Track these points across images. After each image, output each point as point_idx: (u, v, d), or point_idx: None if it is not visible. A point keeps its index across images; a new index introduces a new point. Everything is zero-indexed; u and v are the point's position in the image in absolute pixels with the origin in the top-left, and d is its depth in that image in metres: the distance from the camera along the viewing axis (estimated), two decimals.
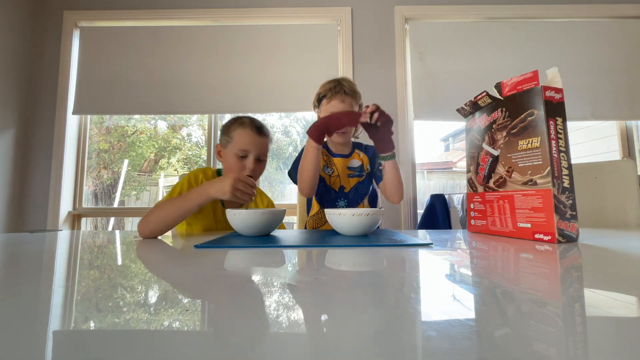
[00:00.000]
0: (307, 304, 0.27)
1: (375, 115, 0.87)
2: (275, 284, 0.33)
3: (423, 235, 0.78)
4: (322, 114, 1.10)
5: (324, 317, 0.24)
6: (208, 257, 0.48)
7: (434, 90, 1.97)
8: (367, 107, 0.88)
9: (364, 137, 1.32)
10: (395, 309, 0.25)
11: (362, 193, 1.14)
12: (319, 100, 1.12)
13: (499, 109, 0.76)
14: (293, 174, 1.11)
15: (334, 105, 1.08)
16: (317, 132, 0.94)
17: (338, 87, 1.08)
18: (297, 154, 1.19)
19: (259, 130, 1.00)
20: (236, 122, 1.00)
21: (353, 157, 1.20)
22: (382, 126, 0.90)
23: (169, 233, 0.84)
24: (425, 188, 3.55)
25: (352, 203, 1.11)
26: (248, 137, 0.97)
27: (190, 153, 2.72)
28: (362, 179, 1.15)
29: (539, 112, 0.65)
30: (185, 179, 0.97)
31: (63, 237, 0.79)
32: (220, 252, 0.53)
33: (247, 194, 0.80)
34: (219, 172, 1.06)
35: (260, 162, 1.02)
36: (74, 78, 2.00)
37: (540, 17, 2.03)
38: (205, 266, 0.43)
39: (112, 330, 0.22)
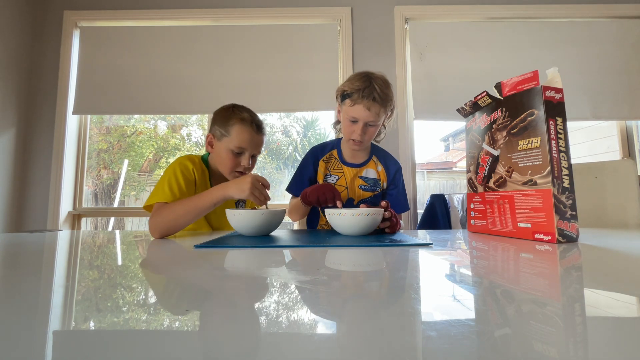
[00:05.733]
0: (307, 304, 0.27)
1: (387, 223, 0.77)
2: (275, 284, 0.33)
3: (423, 235, 0.78)
4: (343, 115, 0.95)
5: (324, 317, 0.24)
6: (208, 257, 0.48)
7: (434, 90, 1.97)
8: (384, 207, 0.76)
9: (385, 144, 1.11)
10: (395, 309, 0.25)
11: None
12: (342, 96, 0.94)
13: (499, 109, 0.76)
14: (291, 190, 1.06)
15: (357, 111, 0.90)
16: (307, 201, 0.88)
17: (368, 91, 0.88)
18: (296, 160, 1.13)
19: (259, 128, 0.96)
20: (235, 115, 0.94)
21: (368, 166, 1.03)
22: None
23: None
24: (425, 188, 3.55)
25: None
26: (247, 136, 0.93)
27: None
28: (376, 193, 1.02)
29: (539, 112, 0.65)
30: (177, 171, 0.90)
31: (63, 237, 0.79)
32: (220, 252, 0.53)
33: (263, 195, 0.79)
34: (204, 159, 1.01)
35: (253, 158, 0.99)
36: (74, 78, 2.00)
37: (540, 17, 2.03)
38: (205, 266, 0.43)
39: (112, 330, 0.22)
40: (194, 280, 0.36)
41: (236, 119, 0.93)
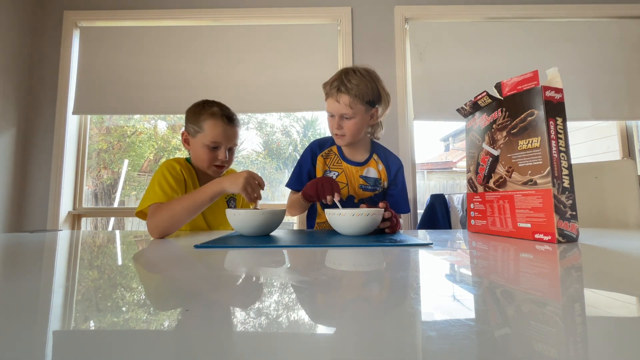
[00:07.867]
0: (307, 304, 0.27)
1: (387, 223, 0.77)
2: (275, 284, 0.33)
3: (423, 235, 0.78)
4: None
5: (323, 318, 0.24)
6: (208, 257, 0.48)
7: (434, 90, 1.97)
8: (383, 209, 0.76)
9: (385, 144, 1.10)
10: (395, 309, 0.25)
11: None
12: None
13: (499, 109, 0.76)
14: (290, 185, 1.04)
15: (329, 105, 0.94)
16: (309, 196, 0.88)
17: (337, 82, 0.90)
18: (296, 160, 1.09)
19: (230, 120, 0.97)
20: (205, 110, 0.95)
21: (369, 165, 1.02)
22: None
23: None
24: (425, 188, 3.54)
25: None
26: (220, 129, 0.94)
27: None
28: (377, 192, 1.02)
29: (539, 112, 0.65)
30: (166, 172, 0.90)
31: (63, 237, 0.79)
32: (220, 252, 0.53)
33: (255, 192, 0.79)
34: (188, 160, 1.03)
35: (230, 150, 1.00)
36: (74, 78, 1.99)
37: (540, 17, 2.02)
38: (205, 266, 0.43)
39: (112, 330, 0.22)
40: (194, 280, 0.36)
41: (207, 114, 0.95)
